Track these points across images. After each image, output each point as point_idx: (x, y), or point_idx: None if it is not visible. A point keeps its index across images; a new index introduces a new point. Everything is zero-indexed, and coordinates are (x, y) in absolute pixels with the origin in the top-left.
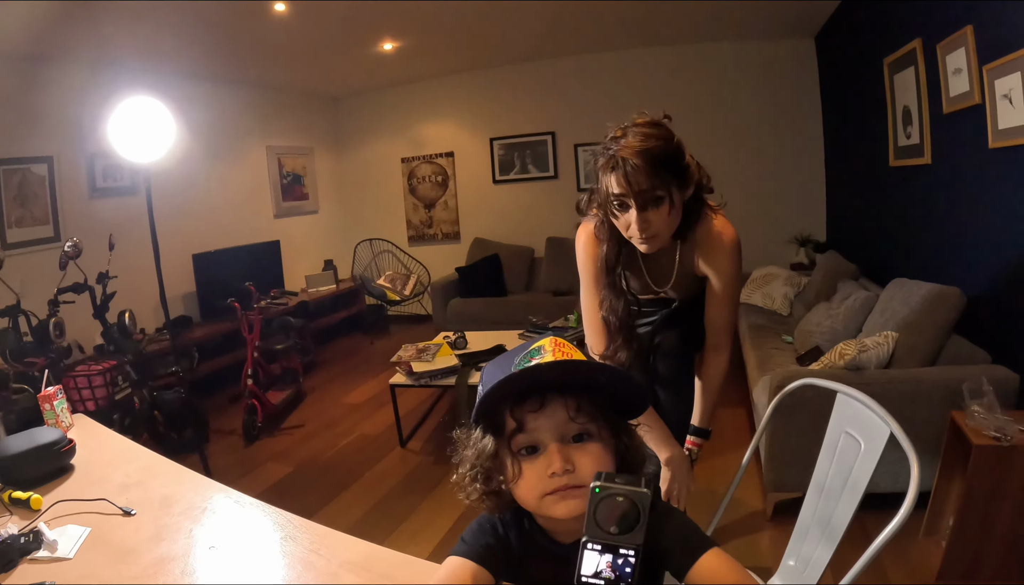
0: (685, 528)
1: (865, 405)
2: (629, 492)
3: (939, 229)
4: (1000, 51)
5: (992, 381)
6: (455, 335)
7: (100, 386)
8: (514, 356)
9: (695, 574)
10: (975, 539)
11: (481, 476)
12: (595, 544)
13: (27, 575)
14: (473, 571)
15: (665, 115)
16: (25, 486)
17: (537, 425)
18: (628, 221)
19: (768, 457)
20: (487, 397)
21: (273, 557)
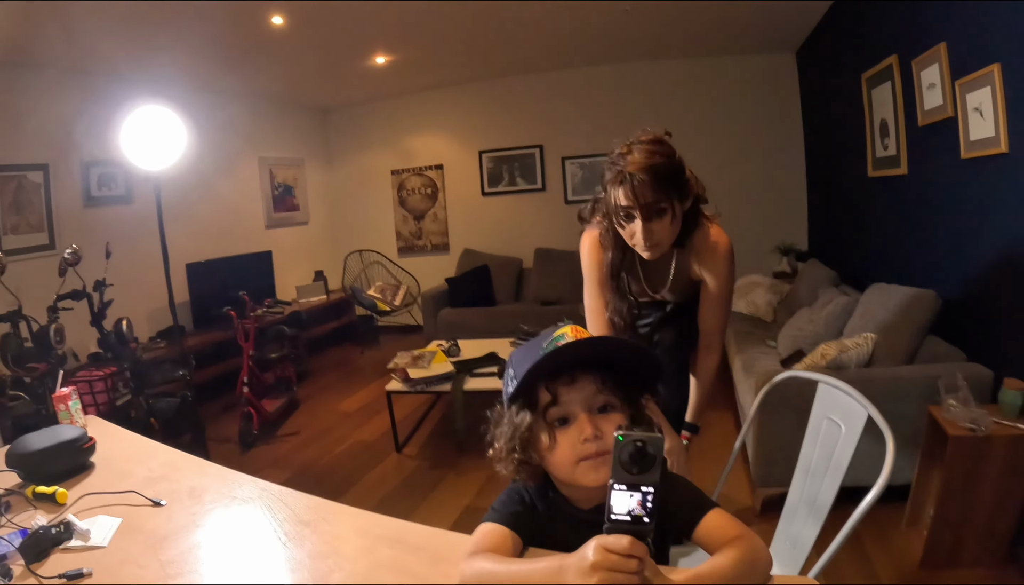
0: (690, 492)
1: (844, 392)
2: (646, 438)
3: (915, 236)
4: (971, 67)
5: (967, 377)
6: (448, 343)
7: (101, 392)
8: (541, 341)
9: (701, 530)
10: (955, 526)
11: (519, 447)
12: (620, 485)
13: (62, 564)
14: (503, 535)
15: (666, 132)
16: (48, 482)
17: (570, 398)
18: (633, 231)
19: (756, 454)
20: (532, 372)
21: (310, 536)
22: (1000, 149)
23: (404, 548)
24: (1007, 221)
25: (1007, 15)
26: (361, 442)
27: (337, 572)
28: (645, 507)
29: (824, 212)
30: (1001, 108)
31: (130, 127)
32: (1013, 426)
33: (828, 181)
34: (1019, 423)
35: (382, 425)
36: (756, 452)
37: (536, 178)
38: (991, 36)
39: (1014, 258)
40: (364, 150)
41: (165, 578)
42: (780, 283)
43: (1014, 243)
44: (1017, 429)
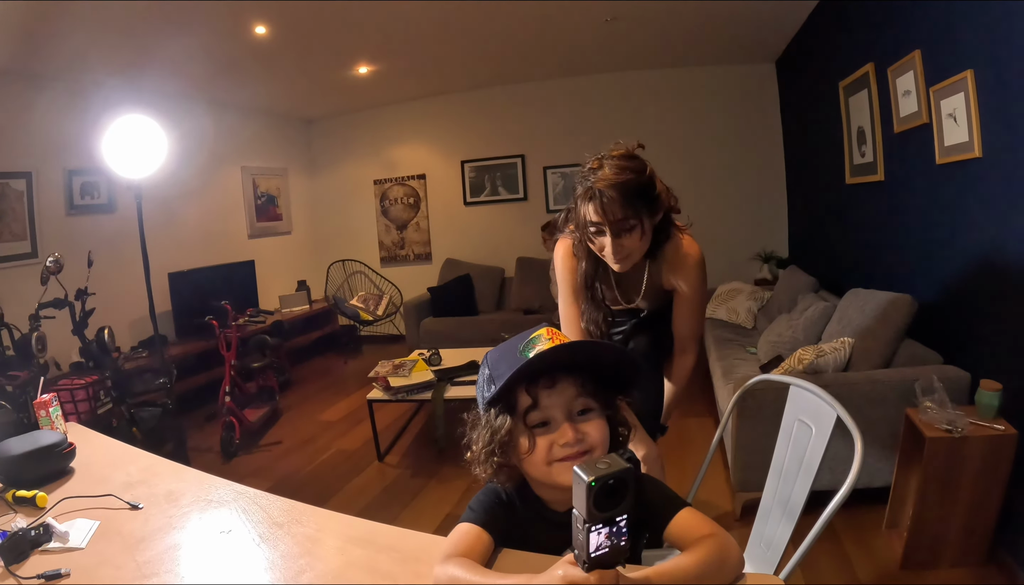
0: (662, 493)
1: (814, 393)
2: (617, 473)
3: (892, 241)
4: (945, 73)
5: (944, 380)
6: (430, 352)
7: (83, 400)
8: (517, 343)
9: (672, 529)
10: (934, 527)
11: (498, 450)
12: (596, 525)
13: (40, 565)
14: (478, 536)
15: (639, 145)
16: (28, 486)
17: (550, 402)
18: (603, 244)
19: (734, 459)
20: (514, 377)
21: (283, 538)
22: (974, 154)
23: (375, 548)
24: (982, 225)
25: (980, 22)
26: (343, 451)
27: (309, 572)
28: (619, 536)
29: (803, 219)
30: (975, 114)
31: (112, 136)
32: (990, 426)
33: (807, 188)
34: (996, 424)
35: (364, 434)
36: (735, 456)
37: (518, 188)
38: (964, 43)
39: (989, 261)
40: (347, 160)
41: (141, 578)
42: (760, 290)
43: (989, 247)
44: (994, 429)
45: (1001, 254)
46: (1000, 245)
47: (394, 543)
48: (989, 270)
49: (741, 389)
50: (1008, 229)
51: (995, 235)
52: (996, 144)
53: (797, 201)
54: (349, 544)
